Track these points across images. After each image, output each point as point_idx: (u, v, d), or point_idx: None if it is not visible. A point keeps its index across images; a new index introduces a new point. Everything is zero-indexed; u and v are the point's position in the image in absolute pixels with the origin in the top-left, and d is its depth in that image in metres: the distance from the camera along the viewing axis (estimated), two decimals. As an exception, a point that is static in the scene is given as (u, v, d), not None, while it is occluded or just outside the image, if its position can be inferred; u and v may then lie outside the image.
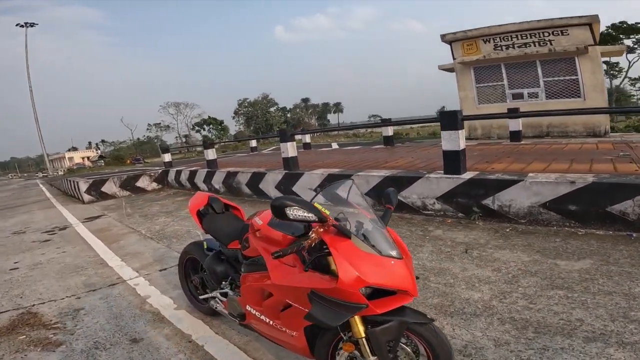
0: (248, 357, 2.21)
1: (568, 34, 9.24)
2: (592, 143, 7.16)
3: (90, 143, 71.27)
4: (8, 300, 3.48)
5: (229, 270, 2.20)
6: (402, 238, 1.59)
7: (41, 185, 22.02)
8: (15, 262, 4.77)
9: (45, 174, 36.29)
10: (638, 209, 3.46)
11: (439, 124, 4.72)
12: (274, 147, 21.13)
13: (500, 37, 10.23)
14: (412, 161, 6.42)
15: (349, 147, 13.37)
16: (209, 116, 56.05)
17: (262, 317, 1.80)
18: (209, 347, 2.35)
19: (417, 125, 26.84)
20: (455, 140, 4.39)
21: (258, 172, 7.24)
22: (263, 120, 49.58)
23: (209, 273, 2.32)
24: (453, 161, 4.44)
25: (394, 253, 1.45)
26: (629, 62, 25.48)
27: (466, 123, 11.52)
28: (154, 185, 10.46)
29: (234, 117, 57.84)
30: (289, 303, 1.59)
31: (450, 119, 4.43)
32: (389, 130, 10.29)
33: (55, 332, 2.75)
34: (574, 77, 9.47)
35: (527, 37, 9.79)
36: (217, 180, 8.40)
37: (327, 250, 1.41)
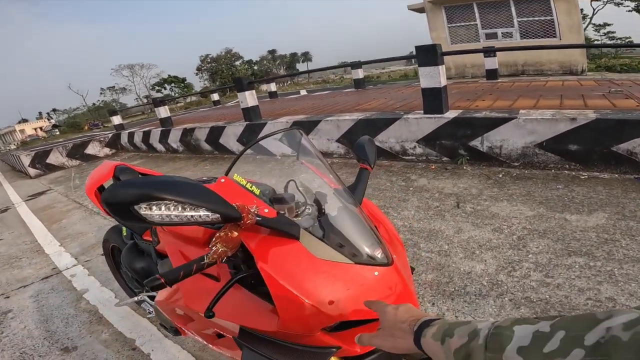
0: (204, 369, 1.70)
1: None
2: (572, 80, 6.67)
3: (40, 113, 64.93)
4: None
5: (152, 268, 1.54)
6: (382, 192, 1.07)
7: (-11, 161, 19.85)
8: None
9: (-4, 150, 33.05)
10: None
11: (411, 67, 3.99)
12: (237, 100, 19.63)
13: None
14: (386, 102, 5.74)
15: (318, 93, 12.39)
16: (169, 75, 52.65)
17: (198, 338, 1.22)
18: (156, 356, 1.82)
19: (388, 70, 25.58)
20: (435, 76, 3.73)
21: (216, 126, 6.40)
22: (229, 75, 46.66)
23: (127, 270, 1.66)
24: (434, 99, 3.82)
25: (378, 255, 0.86)
26: (594, 9, 24.95)
27: (440, 61, 10.84)
28: (107, 150, 9.32)
29: (197, 74, 54.55)
30: (221, 333, 1.01)
31: (428, 54, 3.73)
32: (359, 73, 9.40)
33: (-28, 345, 2.15)
34: (549, 18, 8.81)
35: None
36: (174, 139, 7.50)
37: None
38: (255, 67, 57.09)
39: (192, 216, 0.67)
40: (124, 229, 1.78)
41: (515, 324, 0.38)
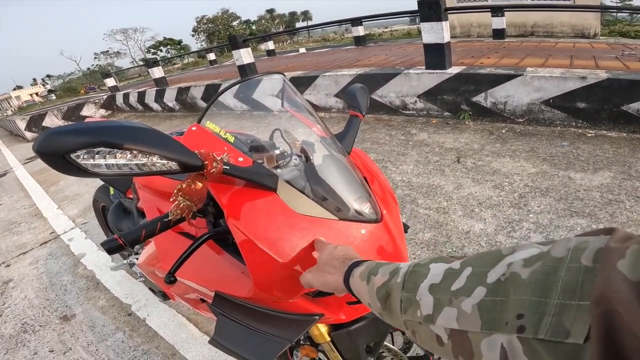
0: (199, 332, 1.65)
1: None
2: (584, 43, 6.16)
3: (34, 80, 62.86)
4: None
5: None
6: (380, 146, 0.92)
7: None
8: None
9: (-7, 116, 32.45)
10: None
11: (414, 27, 3.62)
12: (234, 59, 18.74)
13: None
14: (387, 58, 5.36)
15: (317, 51, 11.72)
16: (164, 37, 50.36)
17: (185, 303, 1.14)
18: (152, 321, 1.77)
19: (391, 29, 24.08)
20: (438, 31, 3.40)
21: (212, 84, 6.10)
22: (226, 36, 44.77)
23: (114, 231, 1.53)
24: (437, 55, 3.51)
25: (365, 211, 0.74)
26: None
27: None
28: (102, 112, 9.00)
29: (193, 35, 52.26)
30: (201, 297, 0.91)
31: (431, 9, 3.36)
32: (360, 30, 8.76)
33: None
34: None
35: None
36: (169, 98, 7.22)
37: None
38: (254, 27, 54.56)
39: (143, 164, 0.53)
40: (111, 187, 1.64)
41: (432, 262, 0.37)
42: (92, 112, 8.83)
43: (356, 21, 8.36)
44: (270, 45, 11.67)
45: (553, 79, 3.07)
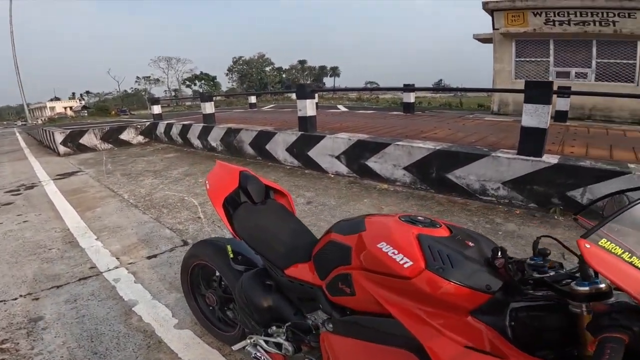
0: None
1: (636, 17, 8.16)
2: None
3: (73, 94, 67.66)
4: None
5: (284, 310, 1.25)
6: None
7: (18, 134, 20.36)
8: (-42, 233, 3.77)
9: (25, 123, 34.24)
10: None
11: (447, 94, 3.68)
12: (273, 105, 19.67)
13: (554, 12, 9.14)
14: (455, 133, 5.44)
15: (360, 111, 12.21)
16: (201, 72, 54.67)
17: None
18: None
19: (426, 95, 25.39)
20: (542, 115, 3.41)
21: (265, 131, 6.21)
22: (257, 79, 48.10)
23: (243, 305, 1.36)
24: (535, 141, 3.48)
25: None
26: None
27: (498, 97, 10.66)
28: (140, 138, 9.27)
29: (227, 74, 56.47)
30: None
31: (541, 90, 3.44)
32: (411, 97, 9.19)
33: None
34: (631, 62, 8.53)
35: (587, 15, 8.70)
36: (215, 138, 7.37)
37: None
38: (284, 75, 58.60)
39: None
40: (230, 248, 1.50)
41: None
42: (131, 137, 9.11)
43: (409, 88, 8.76)
44: (315, 98, 12.26)
45: (667, 184, 2.95)
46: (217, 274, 1.70)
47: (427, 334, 0.78)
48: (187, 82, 54.97)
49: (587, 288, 0.66)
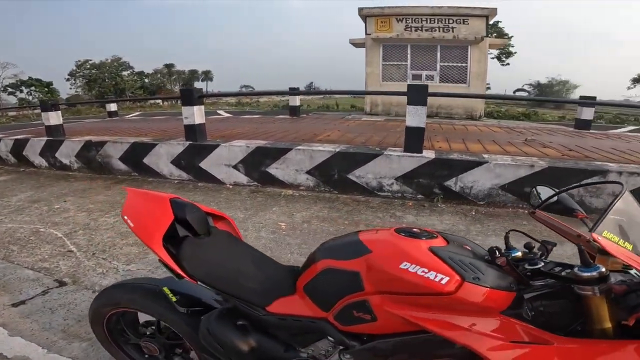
0: None
1: (468, 24, 10.26)
2: (480, 126, 8.09)
3: None
4: None
5: (272, 349, 1.12)
6: (369, 227, 1.01)
7: None
8: None
9: None
10: (584, 192, 3.76)
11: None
12: (139, 113, 17.48)
13: (412, 19, 10.73)
14: (345, 134, 5.85)
15: (245, 117, 11.94)
16: (29, 77, 44.07)
17: None
18: None
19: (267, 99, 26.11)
20: (421, 115, 3.97)
21: (141, 142, 5.45)
22: (111, 84, 41.75)
23: (215, 351, 1.16)
24: (416, 139, 4.03)
25: None
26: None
27: (369, 99, 11.91)
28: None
29: (68, 79, 46.93)
30: None
31: (419, 94, 3.97)
32: (297, 100, 9.48)
33: None
34: (464, 65, 10.68)
35: (435, 22, 10.50)
36: (67, 153, 6.05)
37: None
38: (147, 80, 52.73)
39: None
40: (168, 290, 1.25)
41: None
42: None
43: (294, 92, 9.04)
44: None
45: (510, 166, 3.83)
46: (146, 319, 1.44)
47: (473, 339, 0.81)
48: (10, 89, 43.89)
49: (594, 273, 0.77)
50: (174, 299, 1.23)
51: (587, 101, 7.37)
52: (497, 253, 0.91)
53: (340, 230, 3.24)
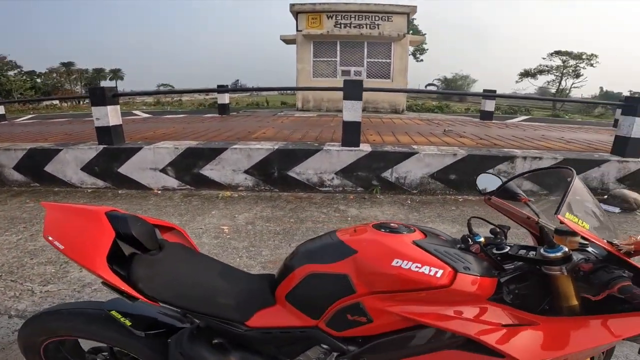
0: None
1: (391, 21, 10.83)
2: (405, 119, 8.67)
3: None
4: None
5: None
6: (324, 224, 1.05)
7: None
8: None
9: None
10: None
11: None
12: (32, 116, 15.10)
13: (342, 15, 10.99)
14: (280, 131, 5.77)
15: (167, 117, 11.05)
16: None
17: None
18: None
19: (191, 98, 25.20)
20: (357, 110, 4.07)
21: (41, 148, 4.71)
22: None
23: None
24: (354, 133, 4.14)
25: None
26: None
27: (301, 95, 11.93)
28: None
29: None
30: None
31: (355, 89, 4.06)
32: (226, 98, 9.08)
33: None
34: (388, 61, 11.28)
35: (362, 19, 10.87)
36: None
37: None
38: (39, 80, 45.74)
39: None
40: (116, 314, 1.06)
41: None
42: None
43: (223, 89, 8.65)
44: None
45: (437, 155, 4.16)
46: (93, 346, 1.24)
47: (470, 328, 0.83)
48: None
49: (559, 254, 0.83)
50: (127, 322, 1.06)
51: (489, 94, 8.43)
52: (470, 241, 0.95)
53: (287, 229, 3.19)
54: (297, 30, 11.37)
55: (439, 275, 0.85)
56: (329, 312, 0.94)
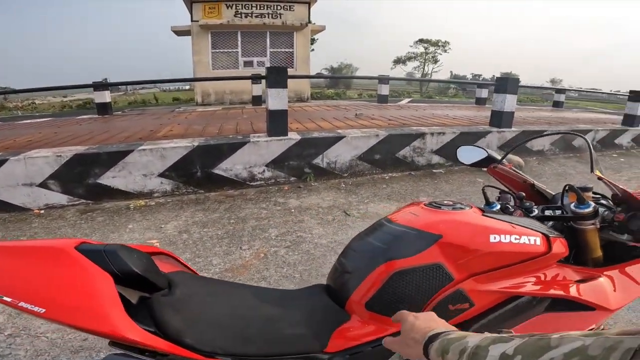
0: None
1: (294, 10, 10.66)
2: (315, 106, 8.81)
3: None
4: None
5: None
6: (268, 220, 0.99)
7: None
8: None
9: None
10: (413, 153, 4.59)
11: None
12: None
13: (242, 4, 10.42)
14: (190, 127, 5.17)
15: (25, 122, 8.86)
16: None
17: None
18: None
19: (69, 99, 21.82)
20: (283, 98, 3.88)
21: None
22: None
23: None
24: (280, 122, 3.93)
25: None
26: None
27: (200, 88, 10.98)
28: None
29: None
30: None
31: (279, 76, 3.83)
32: (106, 96, 7.71)
33: None
34: (290, 50, 11.17)
35: (264, 8, 10.45)
36: None
37: None
38: None
39: None
40: None
41: (492, 343, 0.43)
42: None
43: (103, 86, 7.40)
44: None
45: (363, 138, 4.29)
46: None
47: (562, 289, 0.85)
48: None
49: (590, 209, 0.88)
50: None
51: (384, 77, 9.35)
52: (512, 208, 0.97)
53: (231, 232, 2.86)
54: (193, 21, 10.41)
55: (538, 243, 0.83)
56: (427, 308, 0.82)
